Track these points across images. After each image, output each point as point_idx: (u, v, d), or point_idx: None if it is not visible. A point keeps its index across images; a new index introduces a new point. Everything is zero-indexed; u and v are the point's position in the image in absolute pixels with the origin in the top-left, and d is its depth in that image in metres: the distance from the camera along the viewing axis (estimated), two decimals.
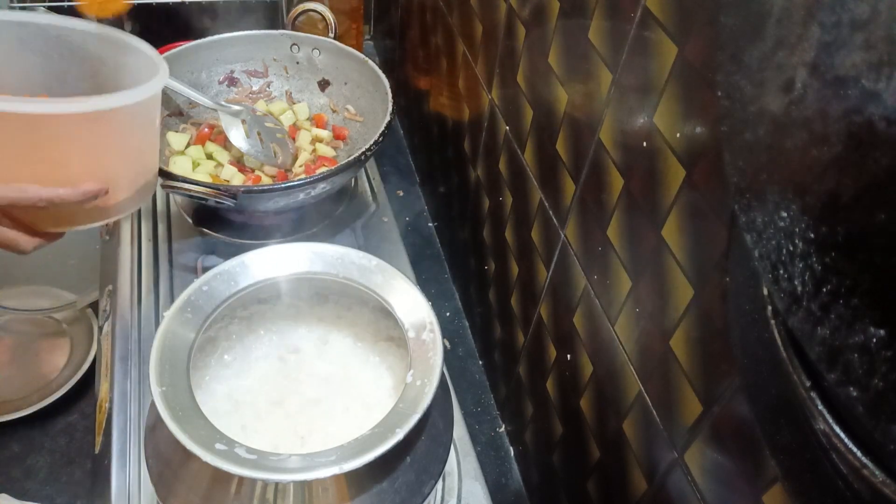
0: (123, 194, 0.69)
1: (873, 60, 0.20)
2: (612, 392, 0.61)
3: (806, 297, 0.23)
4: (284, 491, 0.51)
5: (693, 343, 0.48)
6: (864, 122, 0.20)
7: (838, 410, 0.25)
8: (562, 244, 0.67)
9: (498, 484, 0.85)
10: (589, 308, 0.63)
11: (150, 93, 0.67)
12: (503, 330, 0.87)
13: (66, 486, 1.17)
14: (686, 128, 0.46)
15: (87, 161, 0.65)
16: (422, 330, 0.58)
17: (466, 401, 0.93)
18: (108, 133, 0.66)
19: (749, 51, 0.26)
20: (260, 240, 0.92)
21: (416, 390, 0.54)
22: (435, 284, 1.05)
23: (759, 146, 0.25)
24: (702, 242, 0.46)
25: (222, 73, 1.02)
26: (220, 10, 1.38)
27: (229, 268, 0.62)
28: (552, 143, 0.66)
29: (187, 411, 0.51)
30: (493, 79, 0.81)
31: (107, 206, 0.68)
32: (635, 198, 0.53)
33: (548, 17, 0.64)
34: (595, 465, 0.66)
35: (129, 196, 0.70)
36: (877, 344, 0.20)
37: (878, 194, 0.20)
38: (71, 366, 1.24)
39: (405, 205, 1.15)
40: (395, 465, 0.54)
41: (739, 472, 0.45)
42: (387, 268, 0.63)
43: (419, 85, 1.14)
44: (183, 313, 0.58)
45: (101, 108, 0.62)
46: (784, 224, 0.23)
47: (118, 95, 0.64)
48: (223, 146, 0.97)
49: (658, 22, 0.47)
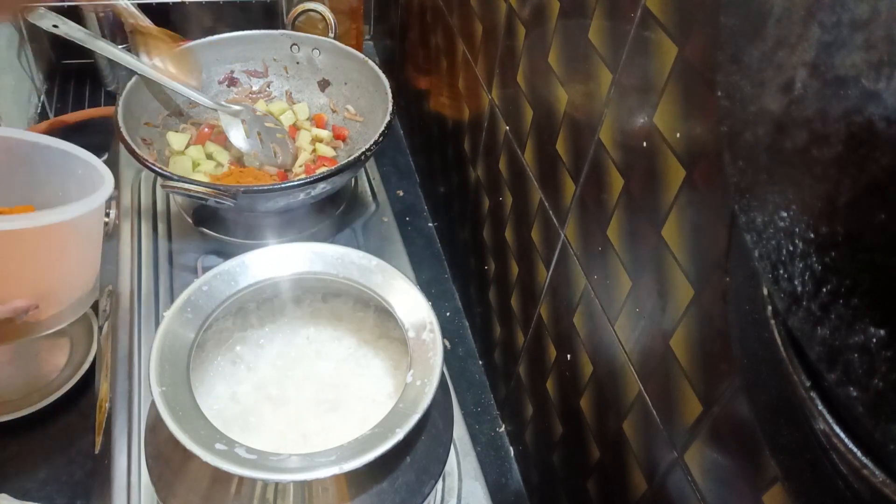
0: (57, 309, 0.69)
1: (873, 60, 0.20)
2: (612, 392, 0.61)
3: (806, 297, 0.23)
4: (284, 491, 0.51)
5: (693, 343, 0.48)
6: (864, 122, 0.20)
7: (838, 410, 0.25)
8: (562, 244, 0.67)
9: (498, 484, 0.85)
10: (589, 308, 0.63)
11: (87, 208, 0.66)
12: (503, 330, 0.87)
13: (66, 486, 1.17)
14: (686, 128, 0.46)
15: (17, 277, 0.64)
16: (422, 330, 0.58)
17: (466, 401, 0.93)
18: (42, 249, 0.65)
19: (749, 51, 0.26)
20: (260, 240, 0.92)
21: (416, 390, 0.54)
22: (435, 284, 1.05)
23: (759, 146, 0.25)
24: (702, 242, 0.46)
25: (222, 73, 1.02)
26: (220, 10, 1.39)
27: (229, 268, 0.62)
28: (552, 143, 0.66)
29: (187, 411, 0.51)
30: (493, 79, 0.81)
31: (38, 320, 0.67)
32: (635, 198, 0.53)
33: (548, 17, 0.64)
34: (595, 465, 0.66)
35: (62, 310, 0.70)
36: (877, 344, 0.20)
37: (878, 194, 0.20)
38: (71, 366, 1.23)
39: (405, 205, 1.15)
40: (395, 465, 0.54)
41: (739, 472, 0.45)
42: (387, 268, 0.63)
43: (419, 85, 1.14)
44: (183, 313, 0.58)
45: (31, 225, 0.61)
46: (784, 224, 0.23)
47: (51, 212, 0.63)
48: (223, 146, 0.97)
49: (658, 22, 0.47)
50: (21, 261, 0.63)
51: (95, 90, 1.54)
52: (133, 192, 0.98)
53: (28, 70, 1.50)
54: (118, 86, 1.44)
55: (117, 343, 0.81)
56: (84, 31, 0.88)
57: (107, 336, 0.85)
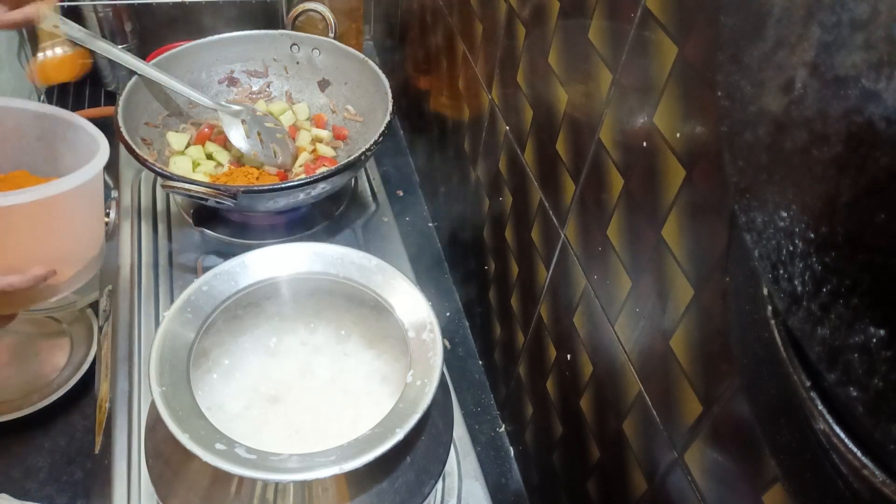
0: (72, 271, 0.72)
1: (873, 60, 0.20)
2: (612, 392, 0.61)
3: (806, 297, 0.23)
4: (284, 491, 0.51)
5: (693, 343, 0.48)
6: (864, 122, 0.20)
7: (838, 410, 0.25)
8: (562, 244, 0.67)
9: (498, 484, 0.85)
10: (589, 308, 0.63)
11: (90, 174, 0.69)
12: (503, 330, 0.87)
13: (66, 486, 1.17)
14: (686, 128, 0.46)
15: (33, 247, 0.68)
16: (422, 330, 0.58)
17: (466, 401, 0.93)
18: (53, 218, 0.68)
19: (749, 51, 0.26)
20: (260, 240, 0.92)
21: (416, 390, 0.54)
22: (435, 284, 1.05)
23: (759, 146, 0.25)
24: (702, 242, 0.46)
25: (222, 73, 1.02)
26: (220, 10, 1.38)
27: (229, 268, 0.62)
28: (552, 143, 0.66)
29: (187, 411, 0.51)
30: (493, 79, 0.81)
31: (56, 284, 0.70)
32: (635, 198, 0.53)
33: (548, 17, 0.64)
34: (595, 465, 0.66)
35: (77, 271, 0.73)
36: (877, 344, 0.20)
37: (878, 194, 0.20)
38: (71, 366, 1.24)
39: (405, 205, 1.15)
40: (395, 465, 0.54)
41: (739, 472, 0.45)
42: (387, 268, 0.63)
43: (419, 85, 1.14)
44: (183, 313, 0.58)
45: (43, 196, 0.64)
46: (784, 224, 0.23)
47: (59, 182, 0.66)
48: (223, 146, 0.97)
49: (658, 22, 0.47)
50: (34, 231, 0.67)
51: (95, 90, 1.54)
52: (133, 192, 0.98)
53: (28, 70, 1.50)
54: (118, 86, 1.44)
55: (117, 343, 0.81)
56: (84, 31, 0.88)
57: (107, 336, 0.85)
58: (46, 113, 0.77)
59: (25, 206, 0.63)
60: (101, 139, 0.74)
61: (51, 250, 0.69)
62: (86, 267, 0.74)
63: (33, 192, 0.64)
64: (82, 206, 0.72)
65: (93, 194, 0.73)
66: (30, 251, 0.67)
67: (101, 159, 0.71)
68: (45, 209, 0.66)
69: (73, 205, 0.70)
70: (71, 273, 0.72)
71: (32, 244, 0.67)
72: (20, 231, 0.65)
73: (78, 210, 0.71)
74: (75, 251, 0.73)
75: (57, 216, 0.68)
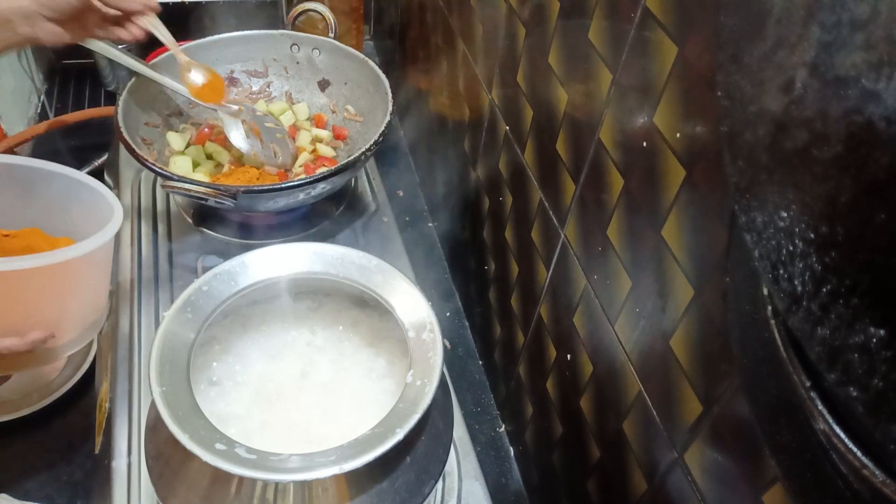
0: (71, 335, 0.71)
1: (873, 60, 0.20)
2: (612, 392, 0.61)
3: (806, 297, 0.23)
4: (284, 491, 0.51)
5: (693, 343, 0.48)
6: (864, 122, 0.20)
7: (838, 410, 0.25)
8: (562, 244, 0.67)
9: (498, 484, 0.85)
10: (589, 308, 0.63)
11: (102, 241, 0.67)
12: (503, 330, 0.87)
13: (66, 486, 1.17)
14: (686, 128, 0.46)
15: (36, 310, 0.66)
16: (422, 330, 0.58)
17: (466, 401, 0.93)
18: (61, 283, 0.67)
19: (749, 51, 0.26)
20: (260, 240, 0.92)
21: (416, 390, 0.54)
22: (435, 284, 1.05)
23: (759, 146, 0.25)
24: (702, 242, 0.46)
25: (222, 73, 1.02)
26: (220, 10, 1.39)
27: (229, 268, 0.62)
28: (552, 143, 0.66)
29: (187, 411, 0.51)
30: (493, 79, 0.81)
31: (54, 347, 0.69)
32: (635, 198, 0.53)
33: (548, 17, 0.64)
34: (595, 465, 0.66)
35: (76, 336, 0.71)
36: (877, 344, 0.20)
37: (878, 194, 0.20)
38: (71, 366, 1.23)
39: (405, 205, 1.15)
40: (395, 465, 0.54)
41: (739, 472, 0.45)
42: (387, 268, 0.63)
43: (419, 85, 1.14)
44: (183, 313, 0.58)
45: (55, 261, 0.63)
46: (784, 224, 0.23)
47: (71, 249, 0.65)
48: (223, 146, 0.97)
49: (658, 22, 0.47)
50: (37, 295, 0.65)
51: (95, 90, 1.55)
52: (133, 192, 0.98)
53: (28, 70, 1.50)
54: (118, 86, 1.44)
55: (117, 343, 0.81)
56: None
57: (107, 336, 0.85)
58: (63, 174, 0.76)
59: (35, 269, 0.62)
60: (115, 205, 0.73)
61: (53, 314, 0.68)
62: (85, 331, 0.73)
63: (45, 257, 0.62)
64: (91, 271, 0.71)
65: (102, 260, 0.72)
66: (32, 314, 0.66)
67: (114, 225, 0.70)
68: (55, 274, 0.65)
69: (82, 270, 0.69)
70: (70, 337, 0.71)
71: (36, 307, 0.66)
72: (26, 293, 0.64)
73: (86, 275, 0.70)
74: (78, 315, 0.71)
75: (65, 281, 0.67)
